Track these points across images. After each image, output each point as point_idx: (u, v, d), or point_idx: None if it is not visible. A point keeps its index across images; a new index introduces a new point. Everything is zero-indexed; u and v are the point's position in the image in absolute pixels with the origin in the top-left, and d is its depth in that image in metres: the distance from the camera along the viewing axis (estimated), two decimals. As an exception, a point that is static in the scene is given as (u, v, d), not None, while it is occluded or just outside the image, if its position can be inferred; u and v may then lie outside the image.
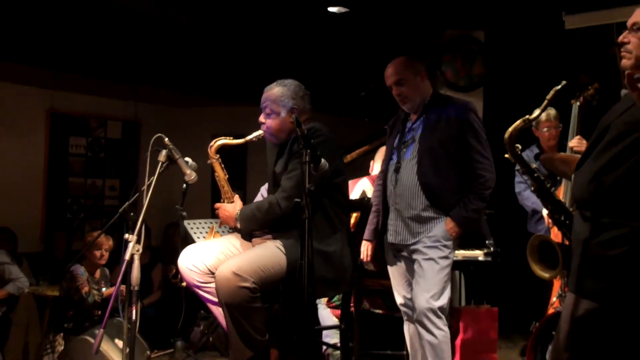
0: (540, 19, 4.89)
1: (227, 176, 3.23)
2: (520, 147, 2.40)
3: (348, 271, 3.08)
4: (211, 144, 3.19)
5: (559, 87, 2.29)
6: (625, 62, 2.12)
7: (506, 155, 2.42)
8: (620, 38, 2.14)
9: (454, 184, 3.14)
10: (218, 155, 3.20)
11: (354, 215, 3.46)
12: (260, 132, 3.17)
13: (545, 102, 2.29)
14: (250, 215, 3.06)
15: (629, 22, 2.12)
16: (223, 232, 3.51)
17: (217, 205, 3.22)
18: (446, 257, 3.14)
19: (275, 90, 3.13)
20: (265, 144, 3.29)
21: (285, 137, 3.11)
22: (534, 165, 2.41)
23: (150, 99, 7.13)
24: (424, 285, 3.09)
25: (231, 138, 3.22)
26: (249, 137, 3.22)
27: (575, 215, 2.15)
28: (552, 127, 4.42)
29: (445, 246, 3.13)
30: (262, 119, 3.14)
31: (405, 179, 3.18)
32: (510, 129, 2.38)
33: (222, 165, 3.21)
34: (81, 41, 5.07)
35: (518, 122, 2.36)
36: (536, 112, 2.31)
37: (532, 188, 2.40)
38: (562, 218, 2.31)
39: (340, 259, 2.99)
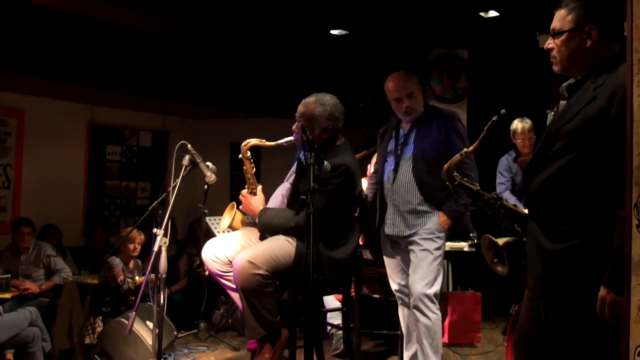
0: (517, 38, 4.87)
1: (254, 170, 3.15)
2: (459, 175, 2.21)
3: (349, 273, 3.06)
4: (244, 143, 3.10)
5: (496, 118, 2.06)
6: (555, 68, 1.91)
7: (447, 183, 2.23)
8: (546, 46, 1.91)
9: (444, 182, 3.12)
10: (249, 153, 3.12)
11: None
12: (290, 138, 3.05)
13: (484, 133, 2.06)
14: (271, 226, 2.96)
15: (551, 28, 1.88)
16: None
17: (243, 193, 3.14)
18: (439, 248, 3.14)
19: (312, 108, 2.93)
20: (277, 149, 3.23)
21: None
22: (476, 188, 2.19)
23: (177, 112, 7.15)
24: (420, 274, 3.08)
25: (263, 141, 3.09)
26: (280, 141, 3.09)
27: (529, 223, 1.91)
28: (526, 138, 4.42)
29: (438, 237, 3.13)
30: (295, 128, 2.97)
31: (402, 178, 3.18)
32: (448, 163, 2.18)
33: (251, 161, 3.13)
34: (117, 63, 5.10)
35: (456, 156, 2.19)
36: (474, 144, 2.11)
37: (480, 203, 2.17)
38: (515, 226, 2.07)
39: (346, 266, 2.96)
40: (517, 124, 4.44)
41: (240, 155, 3.15)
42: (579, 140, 1.76)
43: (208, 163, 2.99)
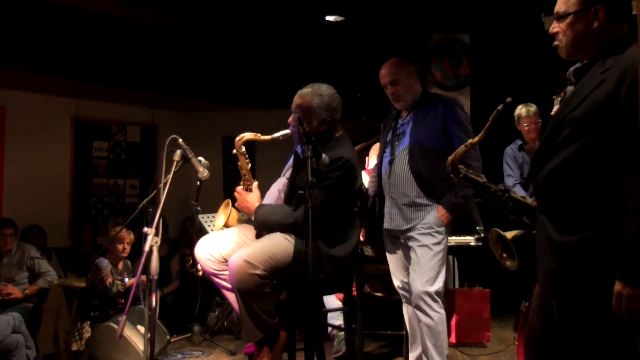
0: (521, 20, 4.86)
1: (249, 165, 3.16)
2: (464, 167, 2.21)
3: (350, 271, 3.06)
4: (238, 138, 3.09)
5: (501, 107, 2.05)
6: (560, 53, 1.91)
7: (452, 175, 2.22)
8: (550, 30, 1.89)
9: (442, 173, 3.11)
10: (244, 148, 3.12)
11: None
12: (287, 131, 3.04)
13: (489, 122, 2.06)
14: (268, 223, 2.96)
15: (554, 12, 1.87)
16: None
17: (239, 190, 3.14)
18: (439, 243, 3.13)
19: (309, 100, 2.92)
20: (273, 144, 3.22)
21: None
22: (482, 180, 2.18)
23: (166, 105, 7.14)
24: (419, 271, 3.09)
25: (258, 135, 3.09)
26: (275, 135, 3.09)
27: (538, 215, 1.91)
28: (532, 122, 4.43)
29: (438, 232, 3.12)
30: (291, 120, 2.96)
31: (398, 169, 3.18)
32: (453, 155, 2.18)
33: (246, 156, 3.14)
34: (102, 55, 5.09)
35: (461, 148, 2.19)
36: (479, 135, 2.10)
37: (486, 196, 2.17)
38: (524, 218, 2.07)
39: (347, 263, 2.97)
40: (521, 109, 4.45)
41: (234, 151, 3.14)
42: (587, 126, 1.75)
43: (200, 158, 2.98)
